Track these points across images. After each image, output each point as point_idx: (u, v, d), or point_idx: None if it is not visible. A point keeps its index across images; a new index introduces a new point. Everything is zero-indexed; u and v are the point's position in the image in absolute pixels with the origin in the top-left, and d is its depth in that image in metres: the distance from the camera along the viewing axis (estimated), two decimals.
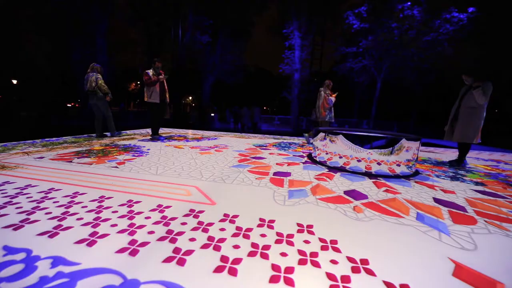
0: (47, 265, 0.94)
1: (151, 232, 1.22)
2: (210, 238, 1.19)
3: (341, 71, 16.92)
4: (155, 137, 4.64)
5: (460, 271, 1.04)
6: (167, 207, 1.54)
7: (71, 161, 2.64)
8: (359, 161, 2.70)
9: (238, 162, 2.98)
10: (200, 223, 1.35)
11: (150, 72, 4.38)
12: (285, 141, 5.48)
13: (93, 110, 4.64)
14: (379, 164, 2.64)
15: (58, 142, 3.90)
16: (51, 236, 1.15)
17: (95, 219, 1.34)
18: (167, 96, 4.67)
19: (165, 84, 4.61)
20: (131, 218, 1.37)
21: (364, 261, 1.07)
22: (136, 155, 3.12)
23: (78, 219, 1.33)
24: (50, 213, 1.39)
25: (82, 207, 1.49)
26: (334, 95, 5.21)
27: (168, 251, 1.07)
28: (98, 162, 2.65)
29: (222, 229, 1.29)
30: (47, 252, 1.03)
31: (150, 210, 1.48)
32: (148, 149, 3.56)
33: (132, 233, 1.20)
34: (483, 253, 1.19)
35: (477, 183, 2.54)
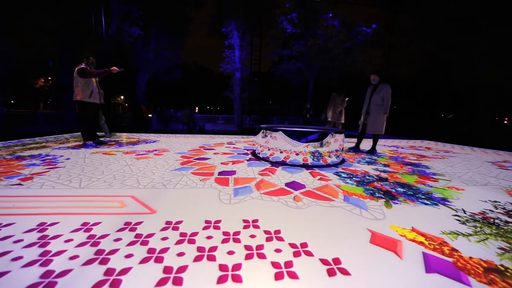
0: None
1: (74, 257, 1.03)
2: (151, 251, 1.09)
3: (278, 72, 18.11)
4: (91, 143, 4.10)
5: (374, 238, 1.28)
6: (95, 224, 1.33)
7: None
8: (297, 154, 2.96)
9: (181, 165, 2.82)
10: (138, 236, 1.22)
11: (86, 68, 3.91)
12: (230, 140, 5.50)
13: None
14: (313, 155, 2.96)
15: None
16: None
17: None
18: (102, 97, 4.28)
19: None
20: (44, 245, 1.12)
21: (304, 245, 1.19)
22: (50, 167, 2.56)
23: None
24: None
25: None
26: (345, 100, 5.67)
27: (98, 275, 0.92)
28: None
29: (164, 238, 1.20)
30: None
31: (72, 231, 1.24)
32: (68, 159, 2.97)
33: (46, 263, 0.99)
34: (389, 220, 1.50)
35: (384, 165, 3.16)
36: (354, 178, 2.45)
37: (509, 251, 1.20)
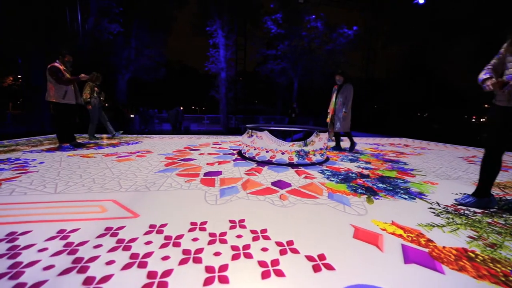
0: None
1: (49, 267, 0.97)
2: (134, 256, 1.06)
3: (263, 72, 18.21)
4: (68, 145, 3.86)
5: (357, 233, 1.33)
6: (73, 230, 1.26)
7: None
8: (283, 153, 2.99)
9: (165, 166, 2.75)
10: (120, 241, 1.17)
11: (60, 66, 3.62)
12: (216, 140, 5.44)
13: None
14: (298, 154, 3.01)
15: None
16: None
17: None
18: (79, 96, 4.06)
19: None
20: (14, 256, 1.04)
21: (290, 243, 1.20)
22: (21, 171, 2.38)
23: None
24: None
25: None
26: None
27: (76, 285, 0.88)
28: None
29: (148, 243, 1.16)
30: None
31: (47, 240, 1.17)
32: (41, 163, 2.79)
33: (16, 275, 0.92)
34: (371, 215, 1.56)
35: (366, 162, 3.28)
36: (339, 176, 2.52)
37: (476, 239, 1.30)
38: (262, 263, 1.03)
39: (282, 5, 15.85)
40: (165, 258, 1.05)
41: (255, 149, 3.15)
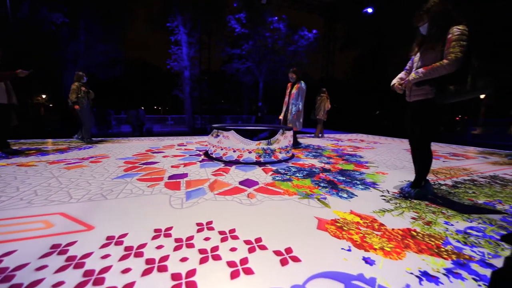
0: None
1: None
2: (88, 273, 0.95)
3: (229, 71, 18.07)
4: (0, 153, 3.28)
5: (320, 224, 1.42)
6: (7, 253, 1.08)
7: None
8: (250, 152, 3.02)
9: (124, 171, 2.54)
10: (70, 258, 1.05)
11: None
12: (181, 141, 5.22)
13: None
14: (265, 152, 3.08)
15: None
16: None
17: None
18: (14, 96, 3.43)
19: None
20: None
21: (258, 240, 1.23)
22: None
23: None
24: None
25: None
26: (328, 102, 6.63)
27: None
28: None
29: (105, 256, 1.06)
30: None
31: None
32: None
33: None
34: (332, 206, 1.68)
35: (328, 158, 3.51)
36: (304, 172, 2.65)
37: (417, 219, 1.50)
38: (231, 263, 1.03)
39: (245, 5, 15.90)
40: (126, 270, 0.97)
41: (222, 149, 3.11)
